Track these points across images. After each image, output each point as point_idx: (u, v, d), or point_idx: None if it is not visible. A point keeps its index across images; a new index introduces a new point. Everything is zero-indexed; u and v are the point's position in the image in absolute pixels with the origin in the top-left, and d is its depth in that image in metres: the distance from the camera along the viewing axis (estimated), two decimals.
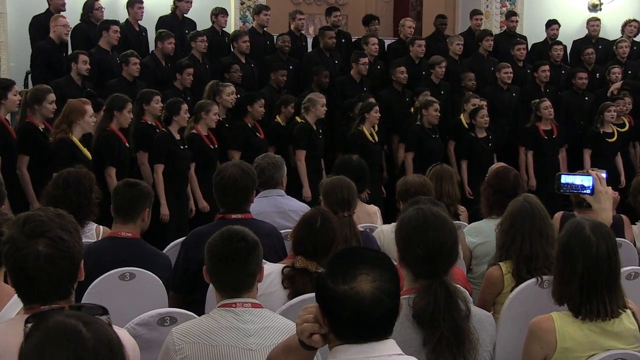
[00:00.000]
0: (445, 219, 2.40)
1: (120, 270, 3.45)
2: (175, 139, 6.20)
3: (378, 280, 1.73)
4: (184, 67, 7.37)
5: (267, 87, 7.93)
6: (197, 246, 3.41)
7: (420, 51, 8.69)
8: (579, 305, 2.51)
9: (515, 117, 8.64)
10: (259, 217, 4.08)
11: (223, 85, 7.03)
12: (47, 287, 1.94)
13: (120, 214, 3.62)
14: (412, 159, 7.50)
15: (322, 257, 3.15)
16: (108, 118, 6.01)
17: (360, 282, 1.72)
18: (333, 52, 8.71)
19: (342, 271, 1.74)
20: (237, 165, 3.73)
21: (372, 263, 1.76)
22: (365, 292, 1.71)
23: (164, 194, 6.11)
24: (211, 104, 6.54)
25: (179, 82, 7.38)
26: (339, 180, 4.00)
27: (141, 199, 3.62)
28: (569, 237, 2.52)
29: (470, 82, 8.47)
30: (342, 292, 1.71)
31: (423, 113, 7.46)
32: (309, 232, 3.17)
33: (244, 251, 2.52)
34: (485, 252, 4.05)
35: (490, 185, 4.17)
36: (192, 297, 3.60)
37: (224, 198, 3.69)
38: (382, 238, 4.15)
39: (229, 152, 6.84)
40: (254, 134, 6.90)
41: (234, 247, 2.52)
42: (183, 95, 7.16)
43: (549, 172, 7.97)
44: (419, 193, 4.09)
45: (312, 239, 3.15)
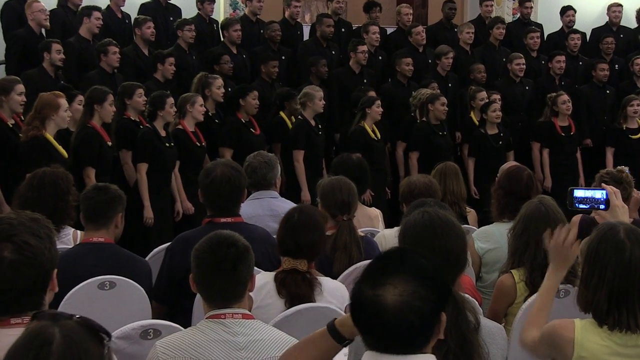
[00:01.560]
0: (452, 223, 2.40)
1: (99, 278, 3.44)
2: (160, 135, 6.19)
3: (407, 296, 1.71)
4: (165, 57, 7.36)
5: (258, 80, 7.92)
6: (183, 252, 3.41)
7: (420, 39, 8.70)
8: (605, 314, 2.50)
9: (528, 112, 8.65)
10: (251, 220, 4.07)
11: (212, 77, 7.03)
12: (12, 297, 1.93)
13: (91, 220, 3.62)
14: (418, 159, 7.50)
15: (309, 254, 3.17)
16: (89, 113, 6.00)
17: (386, 291, 1.72)
18: (330, 41, 8.72)
19: (374, 276, 1.76)
20: (226, 165, 3.72)
21: (409, 275, 1.73)
22: (388, 302, 1.71)
23: (147, 195, 6.11)
24: (195, 95, 6.54)
25: (160, 74, 7.37)
26: (338, 181, 4.00)
27: (113, 203, 3.62)
28: (600, 240, 2.51)
29: (480, 75, 8.48)
30: (366, 297, 1.73)
31: (429, 108, 7.47)
32: (288, 229, 3.19)
33: (234, 258, 2.52)
34: (496, 259, 4.05)
35: (502, 186, 4.18)
36: (177, 307, 3.60)
37: (212, 200, 3.68)
38: (383, 244, 4.15)
39: (220, 150, 6.84)
40: (247, 129, 6.89)
41: (223, 254, 2.51)
42: (165, 88, 7.16)
43: (567, 171, 7.99)
44: (423, 195, 4.10)
45: (292, 236, 3.17)
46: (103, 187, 3.66)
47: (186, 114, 6.46)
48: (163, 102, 6.19)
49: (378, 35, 8.64)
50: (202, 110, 6.49)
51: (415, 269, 1.76)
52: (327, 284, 3.22)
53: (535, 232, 3.36)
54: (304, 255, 3.16)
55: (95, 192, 3.63)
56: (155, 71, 7.39)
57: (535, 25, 9.55)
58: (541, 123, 8.06)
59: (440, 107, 7.44)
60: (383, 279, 1.74)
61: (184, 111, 6.46)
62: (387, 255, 1.84)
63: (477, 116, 7.94)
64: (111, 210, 3.61)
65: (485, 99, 7.86)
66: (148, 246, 5.37)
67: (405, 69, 8.21)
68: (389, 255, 1.84)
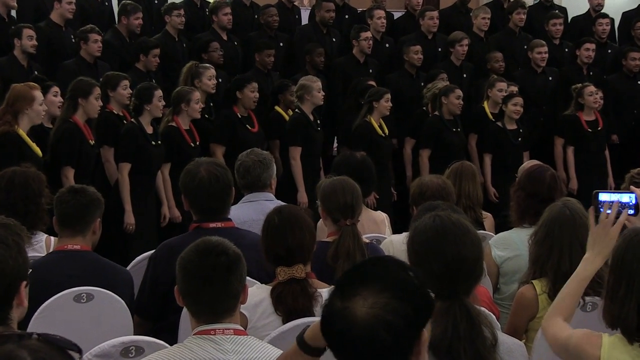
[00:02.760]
0: (467, 229, 2.39)
1: (75, 290, 3.44)
2: (146, 132, 6.19)
3: (378, 308, 1.63)
4: (150, 48, 7.36)
5: (252, 70, 7.93)
6: (167, 262, 3.40)
7: (433, 24, 8.70)
8: (636, 329, 2.49)
9: (551, 106, 8.64)
10: (243, 226, 4.07)
11: (204, 67, 7.03)
12: None
13: (66, 225, 3.60)
14: (429, 157, 7.50)
15: (303, 256, 3.16)
16: (71, 107, 5.99)
17: (356, 303, 1.65)
18: (331, 28, 8.71)
19: (344, 286, 1.70)
20: (209, 163, 3.72)
21: (382, 286, 1.66)
22: (357, 315, 1.63)
23: (129, 198, 6.11)
24: (192, 91, 6.52)
25: (143, 64, 7.37)
26: (340, 182, 3.99)
27: (91, 207, 3.60)
28: (627, 247, 2.50)
29: (498, 64, 8.47)
30: (335, 309, 1.67)
31: (442, 101, 7.46)
32: (272, 235, 3.19)
33: (224, 267, 2.51)
34: (515, 268, 4.04)
35: (522, 187, 4.17)
36: (162, 322, 3.59)
37: (200, 204, 3.68)
38: (390, 251, 4.13)
39: (211, 147, 6.85)
40: (243, 125, 6.90)
41: (212, 263, 2.50)
42: (147, 79, 7.15)
43: (594, 171, 7.97)
44: (436, 197, 4.09)
45: (278, 241, 3.17)
46: (79, 190, 3.64)
47: (181, 111, 6.45)
48: (150, 94, 6.17)
49: (384, 21, 8.64)
50: (198, 109, 6.49)
51: (390, 279, 1.69)
52: None
53: (560, 239, 3.35)
54: (298, 259, 3.15)
55: (70, 194, 3.61)
56: (138, 61, 7.40)
57: (559, 9, 9.55)
58: (566, 117, 8.04)
59: (455, 100, 7.43)
60: (353, 289, 1.67)
61: (178, 109, 6.45)
62: (362, 264, 1.78)
63: (492, 107, 7.92)
64: (89, 215, 3.60)
65: (504, 91, 7.85)
66: (129, 254, 5.37)
67: (413, 58, 8.21)
68: (364, 264, 1.78)
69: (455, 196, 4.56)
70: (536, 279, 3.43)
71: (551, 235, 3.39)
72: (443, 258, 2.32)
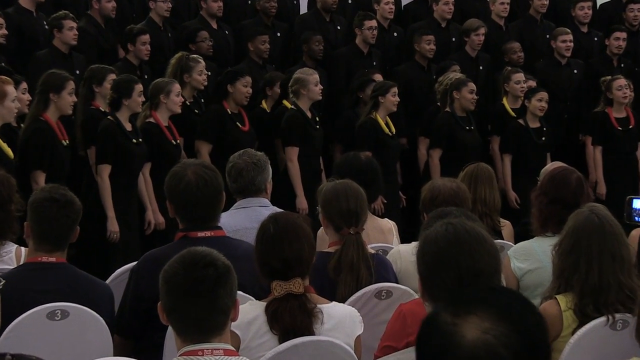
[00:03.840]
0: (483, 238, 2.39)
1: (48, 306, 3.43)
2: (125, 129, 6.20)
3: (493, 337, 1.57)
4: (136, 34, 7.37)
5: (246, 61, 7.94)
6: (151, 275, 3.39)
7: (448, 10, 8.71)
8: None
9: (576, 102, 8.64)
10: (235, 234, 4.06)
11: (195, 60, 7.04)
12: None
13: (46, 241, 3.55)
14: (440, 158, 7.50)
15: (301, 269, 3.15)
16: (42, 104, 6.00)
17: (468, 322, 1.59)
18: (335, 14, 8.71)
19: (459, 300, 1.67)
20: (197, 165, 3.71)
21: (504, 314, 1.60)
22: (466, 336, 1.58)
23: (111, 204, 6.12)
24: (171, 82, 6.54)
25: (132, 55, 7.38)
26: (344, 186, 4.00)
27: (76, 221, 3.58)
28: None
29: (517, 55, 8.48)
30: (441, 324, 1.61)
31: (454, 96, 7.46)
32: (267, 245, 3.19)
33: (212, 280, 2.50)
34: (537, 282, 4.04)
35: (545, 192, 4.17)
36: (145, 342, 3.58)
37: (184, 211, 3.67)
38: (398, 262, 4.15)
39: (196, 144, 6.87)
40: (234, 123, 6.91)
41: (198, 275, 2.50)
42: (138, 72, 7.15)
43: (625, 174, 7.97)
44: (449, 203, 4.09)
45: (274, 253, 3.16)
46: (61, 197, 3.56)
47: (159, 104, 6.46)
48: (130, 88, 6.18)
49: (392, 6, 8.65)
50: (179, 102, 6.50)
51: (514, 310, 1.62)
52: (333, 311, 3.21)
53: (587, 249, 3.35)
54: (295, 272, 3.15)
55: (52, 205, 3.53)
56: (127, 52, 7.40)
57: None
58: (593, 114, 8.05)
59: (468, 95, 7.43)
60: (470, 307, 1.62)
61: (156, 101, 6.46)
62: (485, 288, 1.77)
63: (512, 103, 7.92)
64: (72, 229, 3.59)
65: (522, 82, 7.84)
66: (110, 266, 5.36)
67: (425, 49, 8.21)
68: (488, 287, 1.78)
69: (470, 202, 4.56)
70: (561, 293, 3.42)
71: (577, 245, 3.39)
72: (456, 270, 2.32)
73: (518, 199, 7.54)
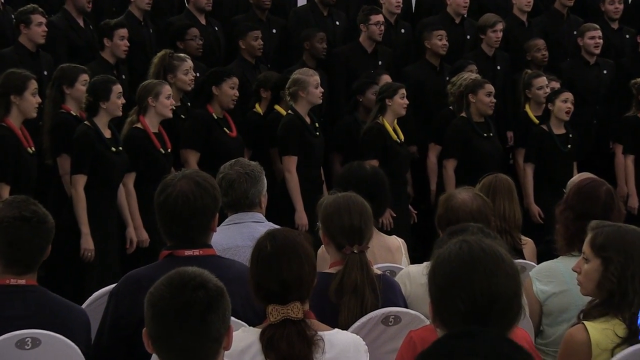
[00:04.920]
0: (501, 257, 2.40)
1: (18, 334, 3.43)
2: (103, 136, 6.22)
3: None
4: (113, 28, 7.37)
5: (237, 60, 7.96)
6: (132, 297, 3.40)
7: (463, 4, 8.72)
8: None
9: (606, 105, 8.65)
10: (226, 253, 4.08)
11: (180, 58, 7.06)
12: None
13: (15, 263, 3.55)
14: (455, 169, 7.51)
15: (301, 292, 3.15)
16: (3, 108, 6.01)
17: None
18: (333, 9, 8.73)
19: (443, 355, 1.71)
20: (189, 177, 3.72)
21: None
22: None
23: (86, 219, 6.12)
24: (160, 83, 6.56)
25: (109, 52, 7.39)
26: (346, 199, 4.00)
27: (48, 240, 3.59)
28: None
29: (540, 54, 8.50)
30: None
31: (470, 99, 7.48)
32: (264, 266, 3.18)
33: (203, 304, 2.50)
34: (562, 306, 4.05)
35: (571, 206, 4.18)
36: None
37: (172, 227, 3.67)
38: (408, 285, 4.14)
39: (182, 154, 6.88)
40: (220, 129, 6.93)
41: (187, 299, 2.50)
42: (115, 72, 7.16)
43: None
44: (469, 219, 4.09)
45: (272, 274, 3.16)
46: (32, 216, 3.54)
47: (148, 108, 6.48)
48: (107, 90, 6.20)
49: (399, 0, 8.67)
50: (169, 105, 6.51)
51: None
52: (335, 338, 3.21)
53: None
54: (294, 296, 3.15)
55: (21, 223, 3.51)
56: (102, 49, 7.41)
57: None
58: (626, 119, 8.05)
59: (485, 98, 7.45)
60: None
61: (144, 105, 6.48)
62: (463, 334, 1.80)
63: (535, 110, 7.94)
64: (45, 250, 3.59)
65: (545, 87, 7.86)
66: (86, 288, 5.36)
67: (437, 46, 8.23)
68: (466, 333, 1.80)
69: None
70: (589, 319, 3.43)
71: None
72: (471, 293, 2.33)
73: (541, 213, 7.54)
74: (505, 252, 2.46)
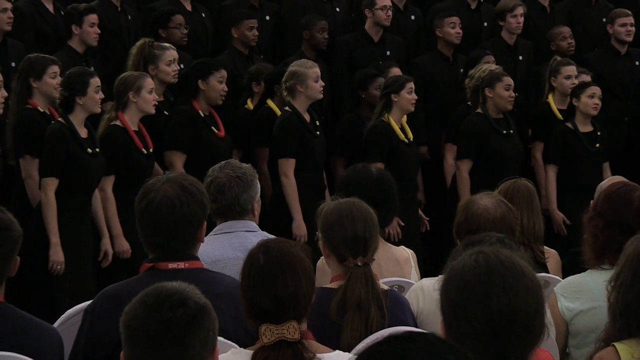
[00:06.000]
0: (521, 271, 2.40)
1: None
2: (78, 135, 6.22)
3: None
4: (82, 13, 7.36)
5: (228, 51, 7.98)
6: (109, 316, 3.39)
7: None
8: None
9: (638, 100, 8.65)
10: (215, 266, 4.08)
11: (161, 47, 7.07)
12: None
13: None
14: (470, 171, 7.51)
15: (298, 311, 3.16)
16: None
17: None
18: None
19: None
20: (174, 181, 3.72)
21: None
22: None
23: (56, 227, 6.12)
24: (142, 76, 6.56)
25: (77, 40, 7.38)
26: (349, 206, 4.00)
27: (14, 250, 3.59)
28: None
29: (566, 43, 8.50)
30: None
31: (487, 94, 7.48)
32: (257, 280, 3.19)
33: (181, 324, 2.50)
34: (591, 326, 4.04)
35: (600, 213, 4.17)
36: None
37: (154, 236, 3.68)
38: (419, 301, 4.15)
39: (167, 155, 6.88)
40: (208, 127, 6.94)
41: (162, 319, 2.50)
42: (84, 62, 7.14)
43: None
44: (490, 228, 4.09)
45: (265, 288, 3.16)
46: None
47: (128, 104, 6.48)
48: (84, 83, 6.21)
49: None
50: (152, 101, 6.51)
51: None
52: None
53: None
54: (290, 314, 3.15)
55: None
56: (70, 37, 7.41)
57: None
58: None
59: (504, 92, 7.45)
60: None
61: (123, 100, 6.48)
62: (391, 342, 1.80)
63: (559, 103, 7.93)
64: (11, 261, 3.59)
65: (574, 77, 7.85)
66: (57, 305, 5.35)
67: (449, 34, 8.25)
68: (395, 340, 1.80)
69: None
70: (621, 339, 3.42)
71: None
72: (487, 311, 2.33)
73: (567, 221, 7.53)
74: (526, 264, 2.45)
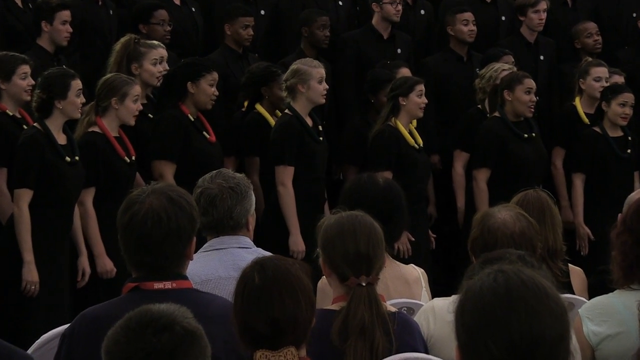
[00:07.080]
0: (545, 292, 2.40)
1: None
2: (55, 142, 6.24)
3: None
4: (54, 10, 7.35)
5: (220, 49, 8.00)
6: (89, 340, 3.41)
7: None
8: None
9: None
10: (205, 286, 4.09)
11: (147, 45, 7.09)
12: None
13: None
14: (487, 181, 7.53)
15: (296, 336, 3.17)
16: None
17: None
18: None
19: None
20: (160, 192, 3.72)
21: None
22: None
23: (30, 244, 6.12)
24: (130, 83, 6.55)
25: (47, 38, 7.39)
26: (351, 220, 4.01)
27: None
28: None
29: (592, 40, 8.52)
30: None
31: (505, 97, 7.50)
32: (250, 301, 3.21)
33: (164, 352, 2.50)
34: (620, 351, 4.05)
35: (630, 228, 4.18)
36: None
37: (139, 253, 3.67)
38: (429, 324, 4.15)
39: (155, 165, 6.89)
40: (199, 133, 6.96)
41: (145, 345, 2.51)
42: (55, 62, 7.15)
43: None
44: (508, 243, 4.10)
45: (260, 311, 3.18)
46: None
47: (108, 109, 6.49)
48: (65, 85, 6.23)
49: None
50: (134, 109, 6.52)
51: None
52: None
53: None
54: (287, 339, 3.16)
55: None
56: (39, 34, 7.42)
57: None
58: None
59: (524, 96, 7.47)
60: None
61: (105, 105, 6.49)
62: None
63: (586, 107, 7.94)
64: None
65: (604, 80, 7.85)
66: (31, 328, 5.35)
67: (462, 32, 8.28)
68: None
69: None
70: None
71: None
72: (507, 336, 2.33)
73: (591, 237, 7.53)
74: (550, 285, 2.45)
